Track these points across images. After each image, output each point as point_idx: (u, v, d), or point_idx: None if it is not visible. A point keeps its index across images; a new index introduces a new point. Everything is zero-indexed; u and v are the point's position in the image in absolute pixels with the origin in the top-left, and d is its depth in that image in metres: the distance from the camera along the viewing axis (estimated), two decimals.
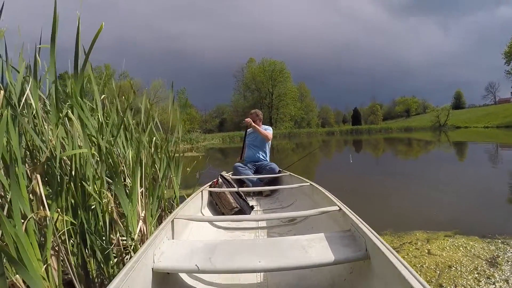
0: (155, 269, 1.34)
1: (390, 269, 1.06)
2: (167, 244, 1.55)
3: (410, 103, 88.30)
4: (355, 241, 1.44)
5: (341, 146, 18.42)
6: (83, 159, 1.72)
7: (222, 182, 3.22)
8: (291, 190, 3.36)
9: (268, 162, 4.57)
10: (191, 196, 2.55)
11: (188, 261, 1.37)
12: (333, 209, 1.82)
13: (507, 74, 42.84)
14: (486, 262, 2.09)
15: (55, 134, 1.59)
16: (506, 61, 42.17)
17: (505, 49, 41.98)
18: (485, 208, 3.65)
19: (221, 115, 72.50)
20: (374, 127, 55.08)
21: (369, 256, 1.29)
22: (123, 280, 1.06)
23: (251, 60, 64.10)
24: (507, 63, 42.40)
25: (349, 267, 1.44)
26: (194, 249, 1.48)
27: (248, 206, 3.01)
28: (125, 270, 1.12)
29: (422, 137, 23.99)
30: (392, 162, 9.25)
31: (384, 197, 4.53)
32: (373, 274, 1.25)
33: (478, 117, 45.06)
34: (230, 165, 4.88)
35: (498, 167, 6.93)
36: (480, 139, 17.77)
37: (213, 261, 1.35)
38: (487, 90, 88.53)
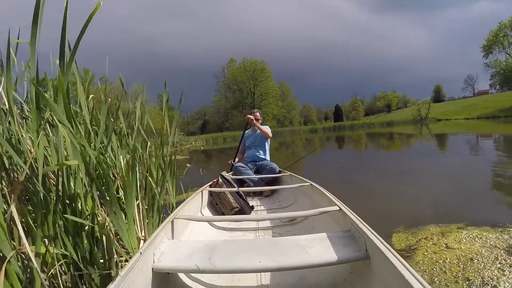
0: (155, 269, 1.34)
1: (390, 269, 1.07)
2: (167, 244, 1.55)
3: (390, 98, 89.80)
4: (355, 241, 1.44)
5: (329, 143, 18.26)
6: (72, 173, 1.48)
7: (222, 182, 3.23)
8: (291, 190, 3.36)
9: (268, 162, 4.57)
10: (191, 196, 2.55)
11: (188, 261, 1.37)
12: (333, 209, 1.82)
13: (486, 66, 44.47)
14: (504, 252, 2.10)
15: (36, 144, 1.34)
16: (485, 54, 43.72)
17: (483, 43, 43.73)
18: (487, 197, 3.65)
19: (203, 116, 71.92)
20: (356, 122, 55.40)
21: (369, 256, 1.30)
22: (123, 280, 1.08)
23: (232, 61, 63.74)
24: (485, 56, 43.95)
25: (349, 267, 1.44)
26: (194, 249, 1.48)
27: (248, 206, 3.02)
28: (125, 270, 1.12)
29: (405, 130, 24.06)
30: (382, 157, 9.12)
31: (384, 194, 4.37)
32: (373, 274, 1.25)
33: (458, 109, 46.27)
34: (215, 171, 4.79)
35: (486, 156, 6.93)
36: (464, 130, 18.02)
37: (213, 261, 1.35)
38: (466, 83, 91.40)
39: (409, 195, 4.08)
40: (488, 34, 43.16)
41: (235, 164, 4.45)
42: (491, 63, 43.83)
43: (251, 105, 56.61)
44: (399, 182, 5.01)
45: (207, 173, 7.22)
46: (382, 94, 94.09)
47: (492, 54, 43.48)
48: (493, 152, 7.64)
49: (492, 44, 42.56)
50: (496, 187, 4.08)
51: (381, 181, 5.25)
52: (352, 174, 6.19)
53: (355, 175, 5.97)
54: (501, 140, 10.60)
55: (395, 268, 1.03)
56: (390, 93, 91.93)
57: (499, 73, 45.31)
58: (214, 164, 11.86)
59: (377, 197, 4.22)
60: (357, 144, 15.90)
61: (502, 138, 11.26)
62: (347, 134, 28.99)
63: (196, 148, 24.71)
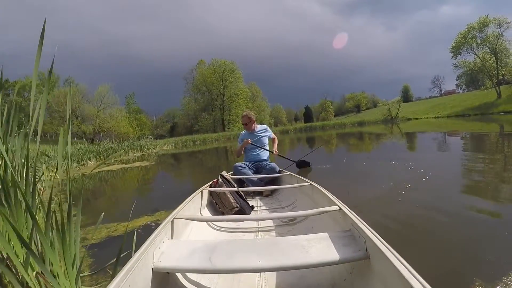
0: (155, 269, 1.35)
1: (390, 269, 1.07)
2: (167, 244, 1.57)
3: (360, 98, 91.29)
4: (355, 241, 1.44)
5: (308, 144, 17.33)
6: None
7: (222, 181, 3.26)
8: (291, 190, 3.35)
9: (268, 161, 4.64)
10: (191, 196, 2.55)
11: (188, 261, 1.39)
12: (333, 209, 1.82)
13: (455, 66, 45.94)
14: None
15: None
16: (453, 55, 45.03)
17: (452, 44, 44.91)
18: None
19: (172, 119, 70.20)
20: (327, 123, 55.58)
21: (369, 256, 1.30)
22: (123, 280, 1.09)
23: (201, 62, 61.99)
24: (454, 57, 45.26)
25: (349, 267, 1.44)
26: (194, 249, 1.49)
27: (248, 206, 3.06)
28: (125, 270, 1.13)
29: (378, 130, 23.66)
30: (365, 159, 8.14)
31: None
32: (373, 274, 1.25)
33: (427, 108, 48.33)
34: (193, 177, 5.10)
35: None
36: (442, 129, 17.72)
37: (213, 261, 1.36)
38: (433, 83, 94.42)
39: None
40: (456, 36, 44.35)
41: (235, 164, 4.41)
42: (459, 63, 44.89)
43: (220, 106, 55.80)
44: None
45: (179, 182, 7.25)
46: (351, 94, 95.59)
47: (460, 55, 44.57)
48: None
49: (460, 46, 43.61)
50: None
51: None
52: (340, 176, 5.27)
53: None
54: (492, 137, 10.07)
55: (395, 268, 1.04)
56: (359, 94, 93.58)
57: (466, 73, 46.78)
58: (186, 169, 10.80)
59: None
60: (338, 144, 14.98)
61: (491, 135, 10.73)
62: (321, 134, 28.38)
63: (165, 152, 23.33)
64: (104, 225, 3.25)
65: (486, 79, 43.26)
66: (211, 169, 8.91)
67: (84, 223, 3.38)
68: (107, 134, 39.05)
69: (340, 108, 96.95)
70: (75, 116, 38.43)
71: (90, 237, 2.90)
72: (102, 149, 17.35)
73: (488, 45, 40.80)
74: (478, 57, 42.07)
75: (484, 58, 41.32)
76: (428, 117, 40.80)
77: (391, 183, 4.14)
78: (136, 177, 8.55)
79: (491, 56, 40.98)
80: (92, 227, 3.22)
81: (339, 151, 11.13)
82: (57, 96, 39.12)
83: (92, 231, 3.04)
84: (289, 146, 15.34)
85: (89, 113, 39.42)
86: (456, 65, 45.34)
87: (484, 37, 41.31)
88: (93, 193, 5.93)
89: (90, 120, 39.58)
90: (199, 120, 54.94)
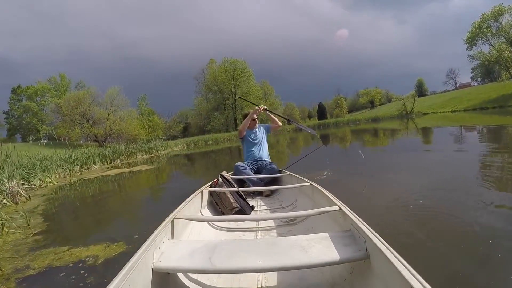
0: (155, 269, 1.35)
1: (390, 269, 1.08)
2: (167, 244, 1.57)
3: (373, 94, 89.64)
4: (355, 241, 1.45)
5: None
6: None
7: (222, 181, 3.27)
8: (291, 190, 3.35)
9: (268, 161, 4.59)
10: (191, 196, 2.54)
11: (188, 261, 1.39)
12: (333, 209, 1.82)
13: (470, 58, 44.44)
14: None
15: None
16: (468, 46, 43.52)
17: (467, 35, 43.38)
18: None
19: (185, 119, 70.18)
20: (341, 120, 55.10)
21: (369, 256, 1.30)
22: (123, 280, 1.10)
23: (211, 61, 61.80)
24: (469, 49, 43.77)
25: (349, 267, 1.44)
26: (194, 249, 1.49)
27: (248, 206, 3.05)
28: (125, 270, 1.14)
29: (395, 126, 22.70)
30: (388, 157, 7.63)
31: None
32: (373, 274, 1.26)
33: (443, 102, 46.77)
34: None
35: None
36: (459, 123, 16.85)
37: (213, 261, 1.36)
38: (448, 76, 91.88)
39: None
40: (471, 26, 42.92)
41: (236, 163, 4.36)
42: (475, 55, 43.59)
43: (232, 105, 55.48)
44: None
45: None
46: (364, 90, 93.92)
47: (476, 46, 43.10)
48: None
49: (475, 36, 42.26)
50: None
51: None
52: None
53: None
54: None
55: (395, 268, 1.04)
56: (372, 89, 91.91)
57: (481, 65, 45.52)
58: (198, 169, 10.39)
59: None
60: (363, 141, 14.46)
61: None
62: (336, 131, 27.78)
63: (177, 153, 23.44)
64: (53, 249, 2.89)
65: (502, 71, 41.95)
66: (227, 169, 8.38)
67: (44, 243, 3.12)
68: (118, 136, 39.26)
69: (354, 104, 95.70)
70: (85, 119, 38.52)
71: (34, 265, 2.55)
72: (108, 152, 17.22)
73: (504, 35, 39.25)
74: (494, 48, 40.66)
75: (500, 48, 39.85)
76: (445, 111, 39.65)
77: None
78: (133, 184, 8.21)
79: (507, 47, 39.47)
80: (46, 249, 2.90)
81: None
82: (67, 100, 39.32)
83: (40, 256, 2.73)
84: (303, 143, 14.93)
85: (100, 116, 39.37)
86: (472, 56, 44.01)
87: (499, 26, 39.74)
88: (72, 205, 5.59)
89: (101, 123, 39.54)
90: (211, 120, 54.64)
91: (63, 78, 55.58)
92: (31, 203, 5.87)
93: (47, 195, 6.83)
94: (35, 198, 6.55)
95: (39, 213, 4.85)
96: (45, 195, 6.85)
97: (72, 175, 11.59)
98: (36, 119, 51.22)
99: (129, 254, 1.92)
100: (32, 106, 50.94)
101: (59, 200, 6.07)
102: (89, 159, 14.02)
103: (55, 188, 8.08)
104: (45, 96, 52.12)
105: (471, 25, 42.73)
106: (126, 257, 1.66)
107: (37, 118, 51.24)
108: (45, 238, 3.36)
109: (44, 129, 50.93)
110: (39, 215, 4.64)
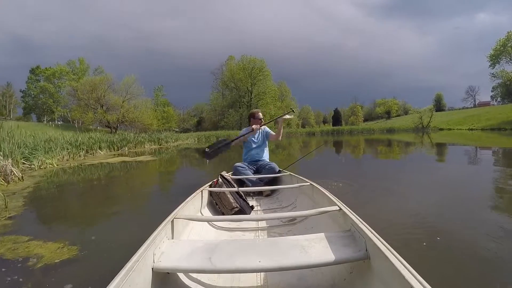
0: (155, 269, 1.34)
1: (390, 269, 1.08)
2: (167, 244, 1.56)
3: (390, 104, 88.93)
4: (355, 241, 1.45)
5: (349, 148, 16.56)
6: None
7: (222, 182, 3.26)
8: (291, 190, 3.36)
9: (268, 161, 4.56)
10: (191, 196, 2.52)
11: (188, 261, 1.38)
12: (333, 209, 1.83)
13: (492, 76, 43.35)
14: None
15: None
16: (491, 63, 42.35)
17: (490, 52, 42.75)
18: None
19: (200, 114, 70.34)
20: (355, 127, 54.51)
21: (369, 256, 1.30)
22: (123, 280, 1.09)
23: (230, 58, 61.62)
24: (491, 66, 42.63)
25: (349, 267, 1.44)
26: (194, 249, 1.49)
27: (248, 206, 3.05)
28: (125, 270, 1.13)
29: (410, 139, 22.24)
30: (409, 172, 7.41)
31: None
32: (373, 274, 1.26)
33: (460, 119, 46.02)
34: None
35: None
36: (482, 142, 16.07)
37: (213, 261, 1.35)
38: (467, 93, 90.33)
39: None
40: (495, 44, 42.06)
41: (235, 164, 4.33)
42: (497, 73, 42.74)
43: (248, 104, 55.28)
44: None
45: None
46: (382, 100, 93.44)
47: (499, 64, 42.20)
48: None
49: (499, 54, 41.42)
50: None
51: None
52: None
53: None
54: None
55: (395, 268, 1.04)
56: (390, 100, 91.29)
57: (503, 84, 44.58)
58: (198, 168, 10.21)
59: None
60: (379, 153, 14.17)
61: None
62: (350, 139, 27.32)
63: (187, 146, 23.35)
64: (14, 237, 2.74)
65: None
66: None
67: (10, 229, 3.01)
68: (131, 124, 39.67)
69: (370, 113, 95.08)
70: (100, 105, 39.04)
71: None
72: (116, 139, 17.22)
73: None
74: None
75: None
76: (462, 129, 38.88)
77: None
78: (130, 176, 8.04)
79: None
80: (8, 237, 2.76)
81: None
82: (83, 84, 39.86)
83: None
84: (315, 146, 14.69)
85: (114, 102, 39.72)
86: (494, 75, 43.54)
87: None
88: (60, 191, 5.37)
89: (114, 110, 39.89)
90: (226, 116, 54.29)
91: (82, 62, 56.45)
92: (22, 184, 5.79)
93: (42, 178, 6.75)
94: (29, 179, 6.48)
95: (23, 195, 4.75)
96: (40, 177, 6.77)
97: (75, 159, 11.59)
98: (52, 100, 52.33)
99: (74, 263, 1.93)
100: (49, 87, 51.99)
101: (50, 184, 5.95)
102: (95, 144, 14.05)
103: (53, 171, 8.01)
104: (62, 78, 53.17)
105: (496, 42, 42.08)
106: (66, 267, 1.73)
107: (53, 100, 52.32)
108: (14, 223, 3.24)
109: (59, 110, 51.76)
110: (22, 198, 4.53)
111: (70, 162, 10.41)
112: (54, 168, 8.58)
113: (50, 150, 10.00)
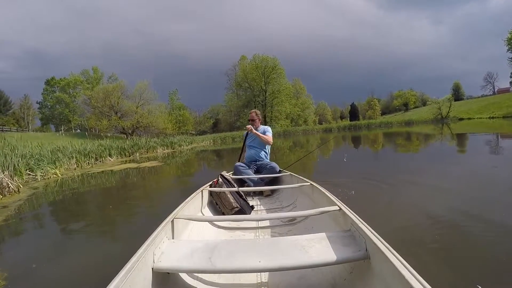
0: (155, 269, 1.35)
1: (390, 269, 1.08)
2: (167, 244, 1.57)
3: (408, 96, 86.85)
4: (355, 241, 1.45)
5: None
6: None
7: (222, 181, 3.24)
8: (291, 190, 3.36)
9: (268, 161, 4.54)
10: (191, 195, 2.51)
11: (188, 261, 1.38)
12: (333, 209, 1.83)
13: (510, 61, 41.60)
14: None
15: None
16: (509, 47, 40.93)
17: (507, 35, 40.76)
18: None
19: (216, 115, 70.63)
20: (373, 122, 53.50)
21: (369, 256, 1.30)
22: (123, 280, 1.09)
23: (243, 58, 62.01)
24: (509, 50, 41.28)
25: (349, 267, 1.44)
26: (194, 249, 1.49)
27: (248, 206, 3.06)
28: (125, 270, 1.14)
29: (429, 131, 21.53)
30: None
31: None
32: (373, 274, 1.25)
33: (480, 108, 44.29)
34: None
35: None
36: (504, 131, 15.16)
37: (213, 261, 1.36)
38: (486, 81, 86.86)
39: None
40: None
41: (236, 164, 4.35)
42: None
43: (262, 103, 55.23)
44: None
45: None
46: (399, 92, 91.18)
47: None
48: None
49: None
50: None
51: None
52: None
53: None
54: None
55: (395, 268, 1.04)
56: (407, 91, 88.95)
57: None
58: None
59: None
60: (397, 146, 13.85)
61: None
62: (369, 133, 26.90)
63: (203, 148, 23.55)
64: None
65: None
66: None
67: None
68: (146, 130, 40.03)
69: (387, 106, 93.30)
70: (114, 112, 39.56)
71: None
72: (127, 146, 17.22)
73: None
74: None
75: None
76: (482, 117, 37.51)
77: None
78: (128, 184, 7.73)
79: None
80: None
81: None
82: (96, 92, 40.49)
83: None
84: (333, 144, 14.42)
85: (128, 109, 40.18)
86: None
87: None
88: (46, 205, 5.12)
89: (128, 116, 40.37)
90: (241, 117, 54.11)
91: (95, 71, 57.47)
92: (17, 197, 5.67)
93: (36, 190, 6.54)
94: (26, 191, 6.35)
95: (9, 209, 4.60)
96: (35, 189, 6.57)
97: (83, 167, 11.54)
98: (67, 110, 53.26)
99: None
100: (64, 97, 53.00)
101: (41, 197, 5.70)
102: (104, 152, 14.08)
103: (55, 181, 7.90)
104: (77, 88, 54.21)
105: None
106: None
107: (69, 109, 53.25)
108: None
109: (76, 119, 52.80)
110: (5, 213, 4.35)
111: (78, 170, 10.37)
112: (57, 178, 8.49)
113: (57, 159, 10.02)
